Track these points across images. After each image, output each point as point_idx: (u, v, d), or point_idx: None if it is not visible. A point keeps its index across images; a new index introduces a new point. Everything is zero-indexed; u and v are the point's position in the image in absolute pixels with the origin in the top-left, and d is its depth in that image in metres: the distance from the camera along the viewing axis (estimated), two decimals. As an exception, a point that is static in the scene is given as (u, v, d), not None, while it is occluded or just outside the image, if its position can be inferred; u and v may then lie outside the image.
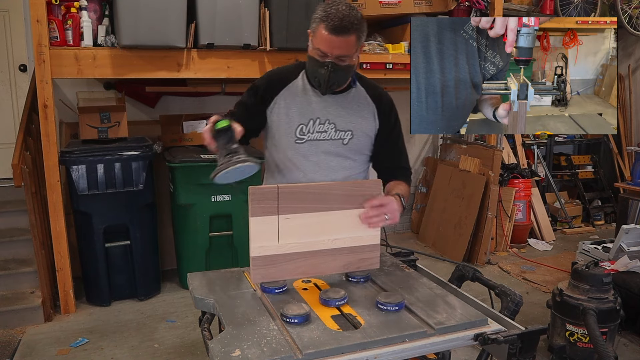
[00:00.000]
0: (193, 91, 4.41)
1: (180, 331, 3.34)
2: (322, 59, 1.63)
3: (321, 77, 1.66)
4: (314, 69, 1.68)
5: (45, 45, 3.26)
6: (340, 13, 1.56)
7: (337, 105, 1.77)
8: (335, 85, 1.72)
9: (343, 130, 1.77)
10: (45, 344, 3.15)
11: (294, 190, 1.47)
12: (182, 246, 3.94)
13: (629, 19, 5.32)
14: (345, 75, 1.71)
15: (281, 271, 1.49)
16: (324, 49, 1.61)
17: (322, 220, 1.50)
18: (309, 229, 1.49)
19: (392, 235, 5.37)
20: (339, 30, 1.56)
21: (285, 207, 1.45)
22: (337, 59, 1.62)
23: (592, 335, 2.43)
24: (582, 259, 3.79)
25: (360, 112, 1.79)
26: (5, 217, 3.83)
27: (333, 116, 1.77)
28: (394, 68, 4.07)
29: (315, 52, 1.64)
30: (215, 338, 1.25)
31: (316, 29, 1.61)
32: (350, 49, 1.62)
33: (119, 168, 3.56)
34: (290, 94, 1.78)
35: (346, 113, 1.78)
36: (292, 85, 1.79)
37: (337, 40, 1.58)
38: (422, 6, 4.30)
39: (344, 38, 1.58)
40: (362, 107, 1.80)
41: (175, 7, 3.34)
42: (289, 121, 1.77)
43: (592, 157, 6.15)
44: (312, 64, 1.68)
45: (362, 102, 1.81)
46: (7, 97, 4.42)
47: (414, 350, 1.26)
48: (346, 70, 1.68)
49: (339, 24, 1.56)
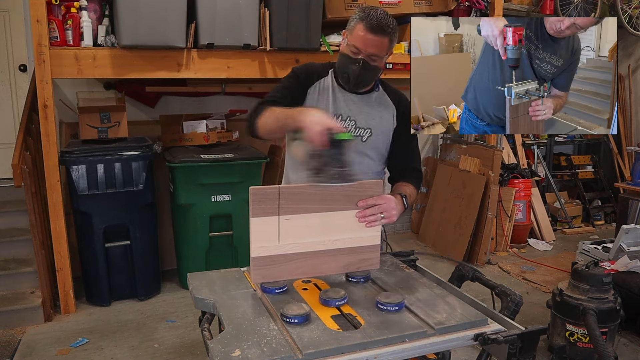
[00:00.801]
0: (193, 91, 4.41)
1: (180, 331, 3.34)
2: (355, 55, 1.72)
3: (351, 73, 1.75)
4: (345, 65, 1.77)
5: (45, 45, 3.26)
6: (379, 16, 1.68)
7: (360, 105, 1.86)
8: (362, 84, 1.81)
9: (363, 128, 1.85)
10: (45, 344, 3.15)
11: (295, 190, 1.47)
12: (182, 246, 3.94)
13: (629, 19, 5.32)
14: (373, 75, 1.79)
15: (281, 271, 1.49)
16: (359, 46, 1.70)
17: (323, 220, 1.50)
18: (309, 230, 1.49)
19: (392, 235, 5.37)
20: (377, 29, 1.67)
21: (286, 208, 1.46)
22: (369, 57, 1.71)
23: (592, 335, 2.43)
24: (582, 259, 3.79)
25: (380, 112, 1.88)
26: (5, 217, 3.83)
27: (355, 114, 1.85)
28: (394, 68, 4.07)
29: (349, 49, 1.73)
30: (215, 338, 1.25)
31: (354, 27, 1.71)
32: (382, 50, 1.72)
33: (119, 168, 3.56)
34: (320, 89, 1.86)
35: (367, 112, 1.86)
36: (323, 81, 1.87)
37: (373, 39, 1.68)
38: (422, 6, 4.30)
39: (379, 38, 1.68)
40: (382, 108, 1.89)
41: (175, 7, 3.34)
42: None
43: (592, 157, 6.16)
44: (344, 61, 1.76)
45: (383, 104, 1.90)
46: (7, 97, 4.42)
47: (414, 350, 1.26)
48: (374, 71, 1.77)
49: (377, 23, 1.66)
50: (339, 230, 1.52)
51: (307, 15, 3.65)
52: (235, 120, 4.46)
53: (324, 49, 3.82)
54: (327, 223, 1.51)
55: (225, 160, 3.74)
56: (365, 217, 1.55)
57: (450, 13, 4.47)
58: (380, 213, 1.56)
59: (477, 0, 4.44)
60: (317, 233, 1.51)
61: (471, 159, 4.83)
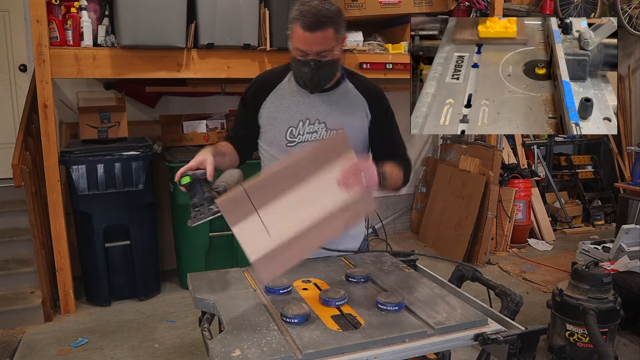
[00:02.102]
0: (193, 91, 4.41)
1: (180, 331, 3.34)
2: (304, 57, 1.61)
3: (306, 76, 1.64)
4: (298, 69, 1.66)
5: (45, 45, 3.26)
6: (314, 9, 1.55)
7: (327, 104, 1.74)
8: (322, 83, 1.69)
9: (334, 129, 1.73)
10: (45, 344, 3.15)
11: (261, 182, 1.41)
12: (182, 246, 3.94)
13: (629, 19, 5.32)
14: (331, 70, 1.67)
15: (286, 260, 1.42)
16: (302, 48, 1.60)
17: (301, 193, 1.42)
18: (293, 208, 1.42)
19: (392, 235, 5.37)
20: (314, 26, 1.55)
21: (260, 201, 1.38)
22: (318, 55, 1.60)
23: (592, 335, 2.43)
24: (582, 259, 3.79)
25: (350, 108, 1.75)
26: (5, 217, 3.84)
27: (323, 115, 1.73)
28: (394, 68, 4.07)
29: (296, 52, 1.63)
30: (215, 338, 1.24)
31: (293, 29, 1.60)
32: (329, 44, 1.59)
33: (119, 168, 3.56)
34: (277, 97, 1.76)
35: (336, 111, 1.74)
36: (279, 88, 1.77)
37: (313, 36, 1.56)
38: (422, 6, 4.30)
39: (320, 33, 1.56)
40: (352, 103, 1.76)
41: (175, 7, 3.34)
42: (278, 125, 1.74)
43: (592, 157, 6.15)
44: (296, 65, 1.66)
45: (352, 98, 1.77)
46: (7, 97, 4.42)
47: (414, 350, 1.26)
48: (330, 66, 1.65)
49: (314, 19, 1.54)
50: (322, 194, 1.43)
51: (307, 15, 3.65)
52: (235, 120, 4.46)
53: (324, 49, 3.81)
54: (306, 194, 1.42)
55: (225, 160, 3.73)
56: (346, 182, 1.41)
57: (450, 13, 4.47)
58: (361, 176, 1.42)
59: (477, 0, 4.45)
60: (302, 207, 1.42)
61: (471, 159, 4.83)
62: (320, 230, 1.44)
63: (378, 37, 4.34)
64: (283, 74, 1.79)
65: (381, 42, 4.25)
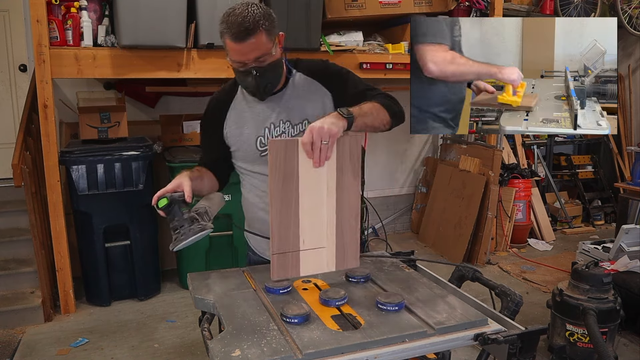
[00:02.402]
0: (193, 91, 4.41)
1: (180, 331, 3.34)
2: (244, 67, 1.56)
3: (251, 86, 1.60)
4: (242, 80, 1.62)
5: (45, 45, 3.26)
6: (239, 17, 1.48)
7: (284, 102, 1.70)
8: (269, 87, 1.63)
9: (299, 123, 1.69)
10: (45, 344, 3.15)
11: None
12: (182, 246, 3.94)
13: (629, 19, 5.32)
14: (275, 73, 1.63)
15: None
16: (239, 59, 1.54)
17: (314, 195, 1.44)
18: (317, 210, 1.45)
19: (392, 235, 5.37)
20: (243, 35, 1.48)
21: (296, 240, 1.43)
22: (257, 61, 1.54)
23: (592, 335, 2.43)
24: (582, 259, 3.79)
25: (307, 96, 1.70)
26: (5, 217, 3.84)
27: (285, 114, 1.69)
28: (394, 68, 4.07)
29: (235, 64, 1.57)
30: (215, 338, 1.25)
31: (224, 42, 1.54)
32: (263, 48, 1.53)
33: (119, 168, 3.57)
34: (236, 112, 1.73)
35: (295, 105, 1.69)
36: (235, 103, 1.74)
37: (245, 45, 1.50)
38: (422, 6, 4.30)
39: (251, 41, 1.50)
40: (307, 90, 1.71)
41: (175, 7, 3.34)
42: (246, 139, 1.71)
43: (592, 157, 6.15)
44: (239, 76, 1.61)
45: (306, 85, 1.72)
46: (7, 97, 4.42)
47: (414, 350, 1.26)
48: (273, 70, 1.60)
49: (240, 29, 1.48)
50: (325, 184, 1.45)
51: (307, 15, 3.65)
52: (235, 120, 4.46)
53: (324, 49, 3.82)
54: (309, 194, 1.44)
55: (225, 160, 3.74)
56: (317, 158, 1.37)
57: (450, 13, 4.47)
58: (320, 142, 1.35)
59: (477, 0, 4.45)
60: (320, 204, 1.45)
61: (471, 159, 4.83)
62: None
63: (378, 37, 4.34)
64: (234, 88, 1.75)
65: (381, 42, 4.25)
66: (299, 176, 1.41)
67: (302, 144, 1.37)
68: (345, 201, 1.48)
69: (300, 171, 1.41)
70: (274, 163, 1.37)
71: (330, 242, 1.49)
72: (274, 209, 1.39)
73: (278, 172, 1.38)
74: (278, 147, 1.37)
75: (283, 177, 1.39)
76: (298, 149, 1.39)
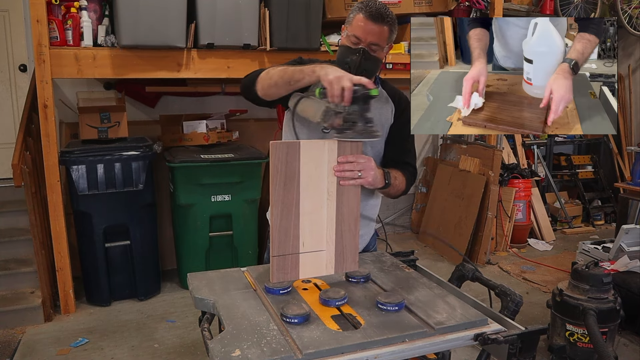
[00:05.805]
0: (193, 91, 4.41)
1: (180, 331, 3.34)
2: (355, 45, 1.69)
3: (352, 63, 1.70)
4: (345, 56, 1.72)
5: (45, 45, 3.26)
6: (378, 5, 1.68)
7: None
8: (364, 73, 1.69)
9: None
10: (45, 344, 3.15)
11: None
12: (182, 246, 3.94)
13: (629, 19, 5.32)
14: (374, 65, 1.75)
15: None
16: (359, 35, 1.68)
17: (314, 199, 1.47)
18: (319, 214, 1.49)
19: (392, 235, 5.38)
20: (376, 17, 1.66)
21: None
22: (369, 46, 1.69)
23: (592, 335, 2.43)
24: (582, 259, 3.79)
25: (379, 107, 1.83)
26: (5, 217, 3.84)
27: None
28: (394, 68, 4.07)
29: (349, 40, 1.71)
30: (215, 338, 1.24)
31: (353, 17, 1.70)
32: (383, 39, 1.70)
33: (119, 168, 3.57)
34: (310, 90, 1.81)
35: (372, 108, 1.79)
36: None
37: (373, 27, 1.67)
38: (422, 6, 4.30)
39: (379, 26, 1.67)
40: (381, 103, 1.84)
41: (175, 7, 3.34)
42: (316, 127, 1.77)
43: (592, 157, 6.15)
44: (344, 51, 1.73)
45: (382, 100, 1.85)
46: (7, 97, 4.42)
47: (414, 350, 1.26)
48: (375, 61, 1.73)
49: (376, 12, 1.66)
50: (325, 189, 1.49)
51: (307, 15, 3.65)
52: (235, 120, 4.46)
53: (324, 49, 3.82)
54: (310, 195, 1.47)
55: (225, 160, 3.74)
56: (343, 171, 1.49)
57: (450, 13, 4.47)
58: (358, 171, 1.51)
59: (477, 0, 4.44)
60: (320, 204, 1.49)
61: (471, 159, 4.83)
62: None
63: (378, 37, 4.33)
64: None
65: (381, 42, 4.25)
66: (300, 179, 1.42)
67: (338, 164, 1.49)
68: (345, 205, 1.50)
69: (301, 174, 1.41)
70: (275, 165, 1.38)
71: (329, 245, 1.50)
72: (274, 212, 1.40)
73: (279, 175, 1.39)
74: (280, 149, 1.38)
75: (284, 180, 1.40)
76: (300, 152, 1.40)
